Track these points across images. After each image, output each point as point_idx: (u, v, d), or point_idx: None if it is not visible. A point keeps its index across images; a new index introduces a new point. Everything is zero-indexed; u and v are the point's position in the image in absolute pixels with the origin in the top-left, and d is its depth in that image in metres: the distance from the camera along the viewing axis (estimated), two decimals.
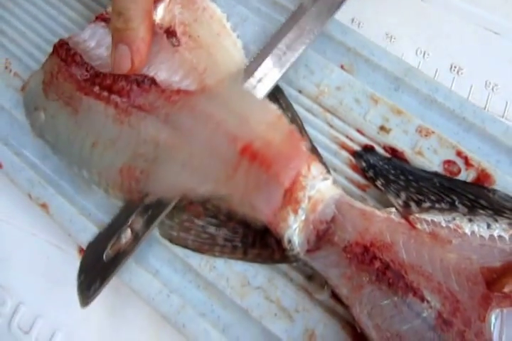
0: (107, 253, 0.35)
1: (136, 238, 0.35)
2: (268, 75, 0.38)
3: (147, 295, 0.36)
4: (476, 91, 0.41)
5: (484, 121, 0.37)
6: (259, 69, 0.38)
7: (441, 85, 0.38)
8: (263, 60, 0.38)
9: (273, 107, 0.36)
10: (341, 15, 0.41)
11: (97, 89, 0.37)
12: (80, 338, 0.38)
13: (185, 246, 0.36)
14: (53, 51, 0.39)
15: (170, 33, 0.39)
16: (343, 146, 0.38)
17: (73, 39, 0.39)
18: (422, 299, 0.30)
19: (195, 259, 0.36)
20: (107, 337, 0.38)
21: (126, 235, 0.35)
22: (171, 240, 0.36)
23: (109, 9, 0.39)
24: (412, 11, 0.44)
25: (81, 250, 0.39)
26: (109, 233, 0.36)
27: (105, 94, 0.36)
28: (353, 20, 0.44)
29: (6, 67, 0.44)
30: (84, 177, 0.38)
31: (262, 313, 0.35)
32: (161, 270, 0.37)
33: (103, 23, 0.39)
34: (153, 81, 0.36)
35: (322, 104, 0.39)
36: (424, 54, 0.42)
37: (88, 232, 0.37)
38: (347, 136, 0.38)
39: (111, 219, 0.37)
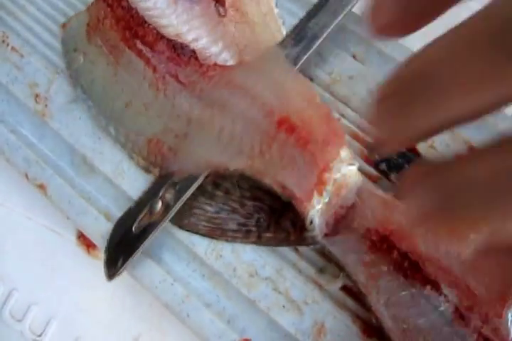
0: (137, 225, 0.34)
1: (167, 208, 0.34)
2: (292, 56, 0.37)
3: (150, 284, 0.34)
4: None
5: (496, 118, 0.37)
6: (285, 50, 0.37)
7: None
8: (289, 42, 0.37)
9: (310, 84, 0.36)
10: (354, 7, 0.40)
11: (139, 43, 0.36)
12: (76, 327, 0.36)
13: (197, 232, 0.35)
14: None
15: (218, 1, 0.38)
16: (355, 137, 0.37)
17: None
18: (440, 292, 0.30)
19: (201, 247, 0.35)
20: (104, 326, 0.36)
21: (157, 207, 0.34)
22: (182, 227, 0.35)
23: None
24: None
25: (80, 235, 0.38)
26: (138, 207, 0.35)
27: (146, 52, 0.36)
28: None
29: (3, 41, 0.42)
30: (110, 134, 0.38)
31: (269, 305, 0.33)
32: (165, 258, 0.35)
33: None
34: (193, 53, 0.35)
35: (334, 93, 0.38)
36: None
37: (88, 216, 0.36)
38: (359, 127, 0.37)
39: (140, 195, 0.36)
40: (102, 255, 0.35)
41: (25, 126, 0.40)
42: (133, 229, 0.34)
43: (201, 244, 0.35)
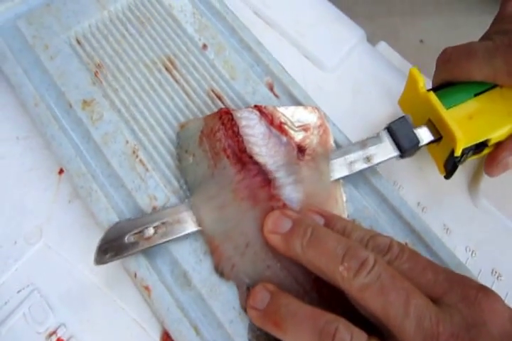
0: (129, 237, 0.43)
1: (153, 239, 0.43)
2: None
3: None
4: (511, 298, 0.48)
5: None
6: None
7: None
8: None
9: None
10: (409, 197, 0.50)
11: (236, 158, 0.46)
12: None
13: None
14: (217, 113, 0.48)
15: (301, 150, 0.49)
16: None
17: (232, 112, 0.48)
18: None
19: None
20: None
21: (149, 232, 0.43)
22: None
23: (268, 107, 0.50)
24: (468, 212, 0.52)
25: (165, 338, 0.44)
26: (140, 222, 0.44)
27: (239, 166, 0.46)
28: (418, 204, 0.52)
29: (134, 152, 0.50)
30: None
31: None
32: None
33: (258, 113, 0.49)
34: (273, 187, 0.45)
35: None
36: (472, 253, 0.50)
37: (182, 325, 0.42)
38: None
39: (150, 212, 0.46)
40: None
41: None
42: (125, 238, 0.43)
43: None
